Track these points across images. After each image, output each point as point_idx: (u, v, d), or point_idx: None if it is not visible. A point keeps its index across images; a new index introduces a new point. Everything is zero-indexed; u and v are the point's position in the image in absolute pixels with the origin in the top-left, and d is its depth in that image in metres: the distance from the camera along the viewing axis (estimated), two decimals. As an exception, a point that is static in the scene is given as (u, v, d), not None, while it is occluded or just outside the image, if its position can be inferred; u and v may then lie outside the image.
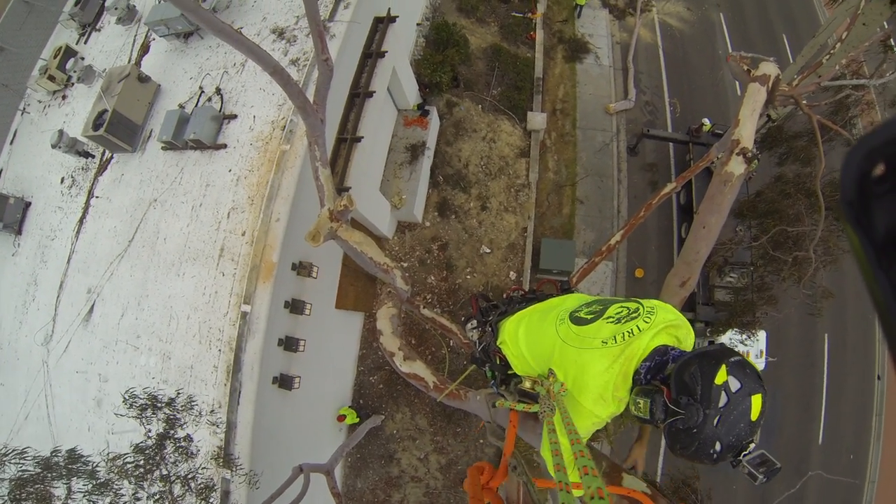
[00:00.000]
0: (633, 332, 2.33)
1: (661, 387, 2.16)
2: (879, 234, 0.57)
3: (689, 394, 2.01)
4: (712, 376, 1.98)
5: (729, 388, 1.97)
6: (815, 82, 8.55)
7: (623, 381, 2.31)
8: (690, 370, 2.05)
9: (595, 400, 2.33)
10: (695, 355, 2.11)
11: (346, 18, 11.81)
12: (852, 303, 18.51)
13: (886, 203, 0.57)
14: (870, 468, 18.73)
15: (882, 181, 0.57)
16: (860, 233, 0.59)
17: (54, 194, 13.41)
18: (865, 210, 0.58)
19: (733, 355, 2.06)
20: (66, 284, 12.25)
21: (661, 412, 2.11)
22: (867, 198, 0.58)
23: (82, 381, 11.42)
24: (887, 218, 0.57)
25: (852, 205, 0.59)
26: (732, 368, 2.00)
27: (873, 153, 0.57)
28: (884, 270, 0.57)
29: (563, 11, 22.67)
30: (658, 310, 2.46)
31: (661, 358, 2.28)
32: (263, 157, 11.04)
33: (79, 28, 15.29)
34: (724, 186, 4.83)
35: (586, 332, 2.46)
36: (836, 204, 12.96)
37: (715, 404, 1.96)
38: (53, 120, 14.23)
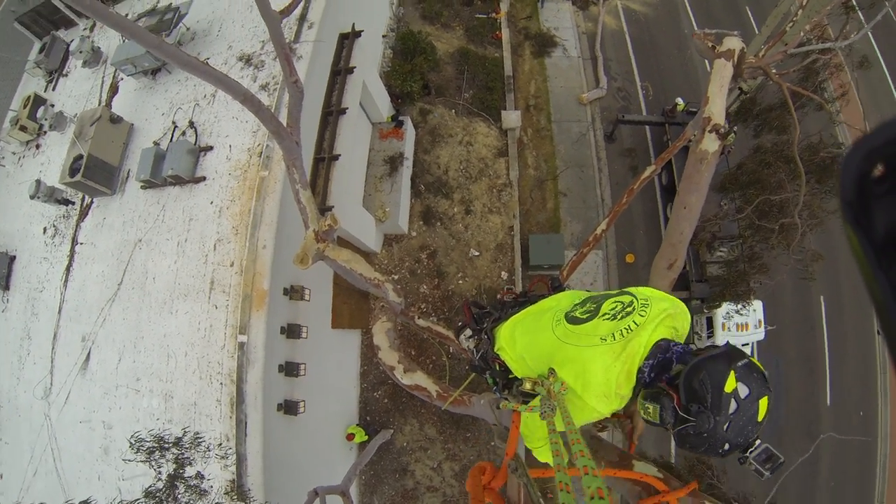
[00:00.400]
0: (631, 327, 2.34)
1: (669, 390, 2.18)
2: (879, 234, 0.58)
3: (699, 401, 2.05)
4: (722, 384, 2.02)
5: (738, 395, 2.02)
6: (782, 51, 8.66)
7: (626, 379, 2.31)
8: (699, 377, 2.07)
9: (598, 397, 2.33)
10: (703, 360, 2.13)
11: (311, 38, 11.81)
12: (843, 263, 18.60)
13: (886, 203, 0.57)
14: (881, 424, 18.82)
15: (881, 181, 0.57)
16: (860, 233, 0.59)
17: (38, 245, 13.29)
18: (865, 210, 0.59)
19: (741, 358, 2.10)
20: (59, 335, 12.14)
21: (670, 418, 2.14)
22: (867, 198, 0.58)
23: (87, 431, 11.31)
24: (887, 218, 0.58)
25: (852, 205, 0.60)
26: (741, 374, 2.04)
27: (873, 154, 0.58)
28: (884, 270, 0.58)
29: (526, 8, 22.78)
30: (652, 300, 2.48)
31: (663, 355, 2.29)
32: (243, 186, 11.00)
33: (46, 75, 15.22)
34: (701, 165, 4.86)
35: (584, 331, 2.47)
36: (815, 168, 13.09)
37: (725, 412, 2.01)
38: (29, 170, 14.13)
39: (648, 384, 2.32)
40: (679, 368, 2.21)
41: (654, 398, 2.22)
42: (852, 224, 0.60)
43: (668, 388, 2.20)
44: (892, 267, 0.57)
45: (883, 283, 0.58)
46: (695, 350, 2.28)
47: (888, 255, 0.57)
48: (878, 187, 0.57)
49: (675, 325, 2.47)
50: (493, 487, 2.62)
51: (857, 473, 18.36)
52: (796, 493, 17.61)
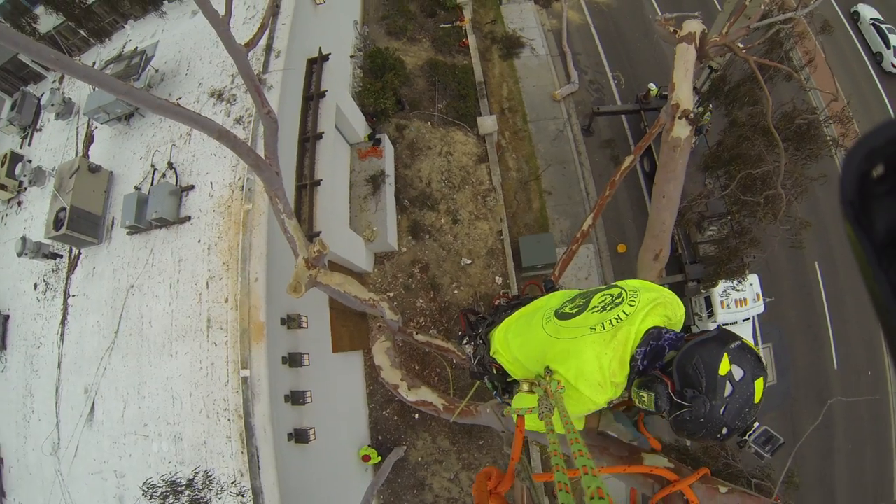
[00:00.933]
0: (620, 317, 2.37)
1: (663, 377, 2.18)
2: (879, 234, 0.58)
3: (694, 386, 2.05)
4: (716, 367, 2.02)
5: (733, 377, 2.02)
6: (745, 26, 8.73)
7: (620, 367, 2.33)
8: (693, 361, 2.08)
9: (593, 386, 2.35)
10: (695, 344, 2.13)
11: (279, 67, 11.85)
12: (832, 226, 18.74)
13: (886, 203, 0.58)
14: (890, 381, 18.95)
15: (882, 181, 0.58)
16: (860, 233, 0.60)
17: (30, 302, 13.23)
18: (865, 210, 0.59)
19: (733, 340, 2.10)
20: (61, 389, 12.07)
21: (666, 404, 2.14)
22: (867, 198, 0.59)
23: (99, 482, 11.22)
24: (887, 218, 0.58)
25: (852, 205, 0.60)
26: (734, 356, 2.04)
27: (873, 153, 0.59)
28: (884, 270, 0.58)
29: (489, 13, 22.88)
30: (641, 291, 2.50)
31: (655, 343, 2.30)
32: (229, 221, 11.00)
33: (20, 131, 15.20)
34: (674, 152, 4.88)
35: (574, 324, 2.50)
36: (792, 135, 13.20)
37: (721, 394, 2.01)
38: (14, 228, 14.07)
39: (642, 372, 2.33)
40: (672, 355, 2.22)
41: (648, 386, 2.22)
42: (853, 224, 0.60)
43: (661, 374, 2.20)
44: (893, 267, 0.57)
45: (883, 283, 0.58)
46: (687, 336, 2.28)
47: (888, 255, 0.58)
48: (879, 187, 0.58)
49: (667, 314, 2.49)
50: (500, 492, 2.64)
51: (872, 432, 18.46)
52: (814, 461, 17.68)
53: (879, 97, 21.77)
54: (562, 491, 1.54)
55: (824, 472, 17.93)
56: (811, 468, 17.44)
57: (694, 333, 2.26)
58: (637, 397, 2.28)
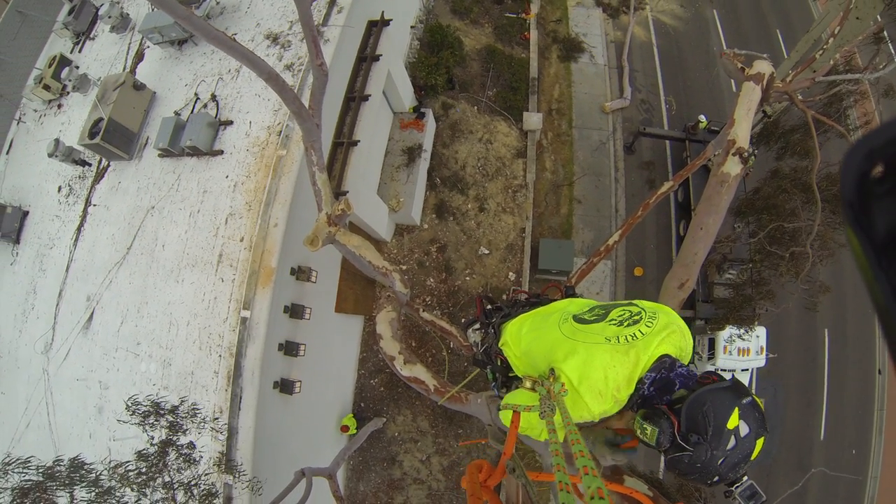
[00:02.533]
0: (637, 335, 2.35)
1: (669, 413, 2.19)
2: (879, 234, 0.58)
3: (699, 432, 2.06)
4: (725, 419, 2.04)
5: (738, 432, 2.04)
6: (810, 78, 8.58)
7: (626, 383, 2.31)
8: (703, 408, 2.09)
9: (593, 394, 2.33)
10: (708, 391, 2.14)
11: (339, 23, 11.82)
12: (851, 297, 18.53)
13: (886, 203, 0.57)
14: (872, 463, 18.73)
15: (882, 182, 0.57)
16: (860, 233, 0.59)
17: (52, 203, 13.37)
18: (865, 210, 0.58)
19: (746, 396, 2.12)
20: (65, 293, 12.23)
21: (667, 442, 2.15)
22: (867, 198, 0.58)
23: (83, 389, 11.40)
24: (887, 218, 0.57)
25: (852, 205, 0.59)
26: (744, 412, 2.06)
27: (873, 154, 0.58)
28: (884, 271, 0.57)
29: (556, 11, 22.70)
30: (660, 314, 2.48)
31: (666, 373, 2.29)
32: (260, 163, 11.04)
33: (73, 37, 15.26)
34: (721, 187, 4.83)
35: (590, 329, 2.48)
36: (832, 198, 13.01)
37: (723, 447, 2.03)
38: (49, 129, 14.18)
39: (646, 399, 2.32)
40: (682, 393, 2.23)
41: (654, 420, 2.22)
42: (852, 224, 0.60)
43: (669, 411, 2.21)
44: (893, 267, 0.57)
45: (883, 283, 0.57)
46: (700, 376, 2.28)
47: (888, 256, 0.57)
48: (879, 187, 0.57)
49: (680, 345, 2.46)
50: (489, 485, 2.63)
51: (844, 511, 18.32)
52: (783, 525, 17.60)
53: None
54: (562, 491, 1.53)
55: (791, 540, 17.84)
56: (778, 532, 17.36)
57: (706, 376, 2.27)
58: (640, 427, 2.28)
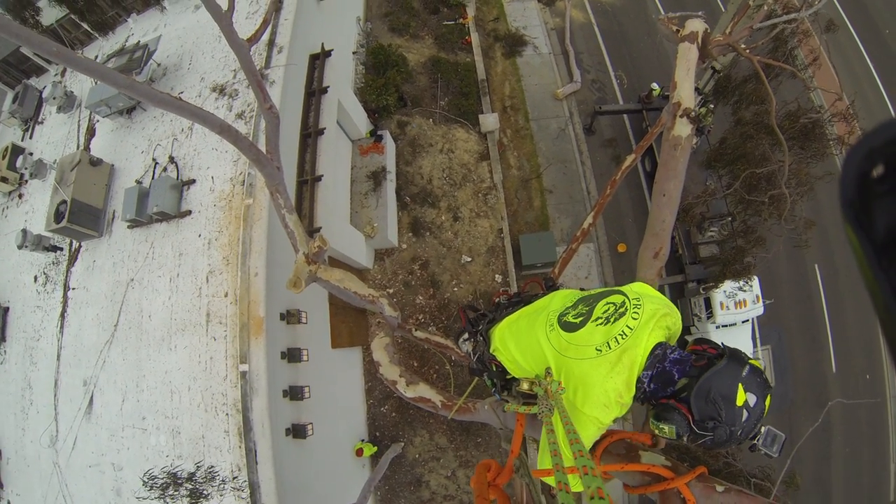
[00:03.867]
0: (625, 332, 2.38)
1: (679, 406, 2.24)
2: (879, 234, 0.58)
3: (713, 418, 2.14)
4: (733, 398, 2.12)
5: (748, 405, 2.13)
6: (749, 26, 8.73)
7: (626, 388, 2.36)
8: (710, 395, 2.15)
9: (599, 408, 2.39)
10: (709, 377, 2.19)
11: (282, 62, 11.85)
12: (832, 228, 18.69)
13: (886, 203, 0.57)
14: (888, 384, 18.92)
15: (882, 181, 0.58)
16: (860, 233, 0.59)
17: (30, 294, 13.25)
18: (865, 210, 0.59)
19: (743, 366, 2.19)
20: (60, 382, 12.09)
21: (686, 433, 2.23)
22: (867, 198, 0.58)
23: (97, 475, 11.25)
24: (887, 218, 0.57)
25: (852, 205, 0.59)
26: (747, 384, 2.14)
27: (873, 153, 0.58)
28: (884, 271, 0.57)
29: (492, 10, 22.87)
30: (644, 301, 2.52)
31: (661, 365, 2.34)
32: (230, 216, 11.01)
33: (21, 124, 15.21)
34: (675, 150, 4.86)
35: (579, 340, 2.50)
36: (797, 135, 13.18)
37: (739, 422, 2.13)
38: (14, 220, 14.09)
39: (650, 395, 2.37)
40: (683, 382, 2.27)
41: (667, 418, 2.27)
42: (852, 224, 0.60)
43: (677, 404, 2.25)
44: (893, 267, 0.57)
45: (883, 283, 0.57)
46: (693, 356, 2.32)
47: (888, 255, 0.57)
48: (879, 187, 0.58)
49: (668, 325, 2.52)
50: (498, 484, 2.65)
51: (869, 436, 18.45)
52: (812, 464, 17.69)
53: (881, 96, 21.70)
54: (562, 490, 1.54)
55: (821, 475, 17.93)
56: (809, 471, 17.44)
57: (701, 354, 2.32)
58: (657, 428, 2.33)
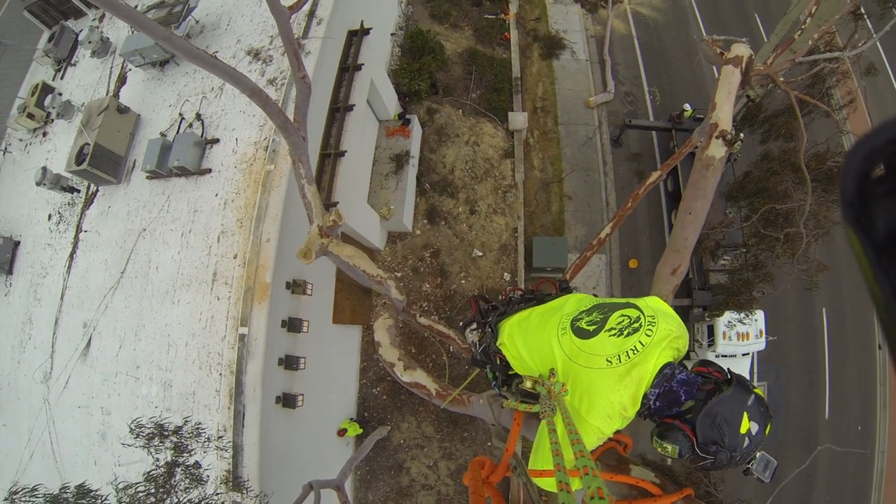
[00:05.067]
0: (637, 348, 2.38)
1: (683, 427, 2.28)
2: (880, 234, 0.57)
3: (717, 442, 2.20)
4: (737, 426, 2.18)
5: (751, 433, 2.19)
6: (790, 59, 8.63)
7: (632, 403, 2.38)
8: (716, 421, 2.20)
9: (602, 418, 2.40)
10: (716, 404, 2.24)
11: (319, 34, 11.83)
12: (846, 274, 18.56)
13: (886, 203, 0.57)
14: (878, 437, 18.77)
15: (882, 181, 0.57)
16: (860, 233, 0.59)
17: (42, 231, 13.34)
18: (865, 210, 0.58)
19: (749, 394, 2.24)
20: (61, 320, 12.19)
21: (688, 454, 2.28)
22: (867, 198, 0.58)
23: (85, 416, 11.35)
24: (887, 218, 0.57)
25: (852, 205, 0.59)
26: (752, 413, 2.20)
27: (874, 153, 0.57)
28: (884, 271, 0.57)
29: (535, 10, 22.77)
30: (659, 319, 2.51)
31: (668, 384, 2.36)
32: (249, 179, 11.03)
33: (54, 64, 15.24)
34: (707, 171, 4.86)
35: (590, 349, 2.49)
36: (822, 177, 13.03)
37: (740, 448, 2.19)
38: (36, 157, 14.17)
39: (654, 412, 2.40)
40: (690, 405, 2.31)
41: (671, 438, 2.30)
42: (853, 224, 0.59)
43: (682, 425, 2.29)
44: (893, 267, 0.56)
45: (883, 283, 0.57)
46: (701, 379, 2.36)
47: (888, 255, 0.57)
48: (879, 187, 0.57)
49: (679, 346, 2.52)
50: (492, 482, 2.64)
51: (853, 487, 18.33)
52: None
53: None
54: (562, 490, 1.54)
55: (801, 520, 17.86)
56: (788, 511, 17.38)
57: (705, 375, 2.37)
58: (660, 447, 2.37)
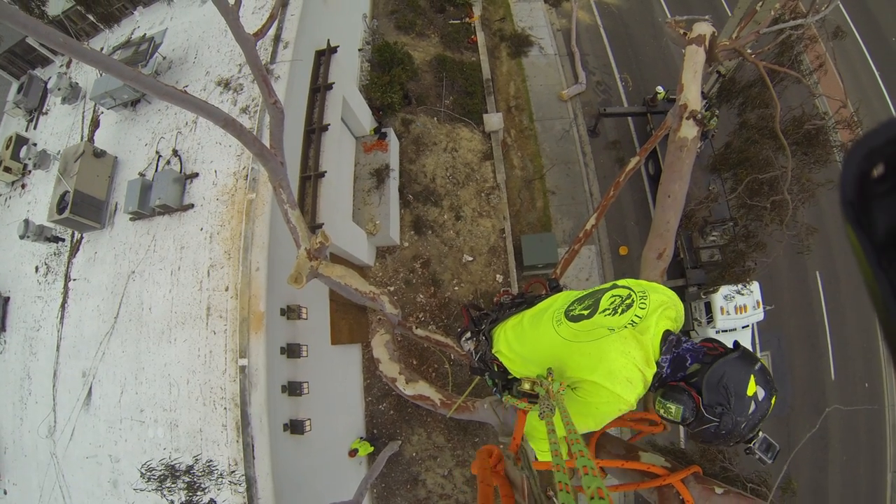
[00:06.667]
0: (634, 321, 2.40)
1: (689, 390, 2.29)
2: (879, 234, 0.58)
3: (723, 403, 2.20)
4: (744, 388, 2.18)
5: (757, 397, 2.19)
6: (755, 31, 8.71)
7: (646, 365, 2.37)
8: (723, 381, 2.21)
9: (624, 384, 2.36)
10: (723, 363, 2.25)
11: (287, 58, 11.84)
12: (834, 234, 18.65)
13: (886, 203, 0.57)
14: (887, 392, 18.88)
15: (882, 181, 0.57)
16: (860, 233, 0.59)
17: (31, 284, 13.25)
18: (865, 210, 0.58)
19: (756, 362, 2.25)
20: (59, 372, 12.10)
21: (691, 416, 2.28)
22: (867, 198, 0.58)
23: (94, 466, 11.26)
24: (887, 218, 0.58)
25: (852, 205, 0.59)
26: (759, 378, 2.21)
27: (873, 153, 0.58)
28: (884, 270, 0.57)
29: (499, 10, 22.85)
30: (649, 292, 2.51)
31: (676, 351, 2.38)
32: (232, 210, 11.01)
33: (26, 114, 15.20)
34: (681, 152, 4.90)
35: (589, 326, 2.49)
36: (801, 140, 13.14)
37: (746, 412, 2.18)
38: (17, 210, 14.10)
39: (662, 379, 2.41)
40: (695, 368, 2.33)
41: (675, 398, 2.31)
42: (853, 224, 0.60)
43: (687, 387, 2.30)
44: (893, 267, 0.57)
45: (883, 283, 0.57)
46: (707, 349, 2.38)
47: (888, 255, 0.57)
48: (879, 187, 0.58)
49: (675, 316, 2.53)
50: (500, 471, 2.64)
51: (867, 443, 18.43)
52: (809, 470, 17.68)
53: (886, 104, 21.66)
54: (562, 490, 1.54)
55: (818, 482, 17.91)
56: (805, 477, 17.42)
57: (713, 347, 2.38)
58: (663, 408, 2.37)
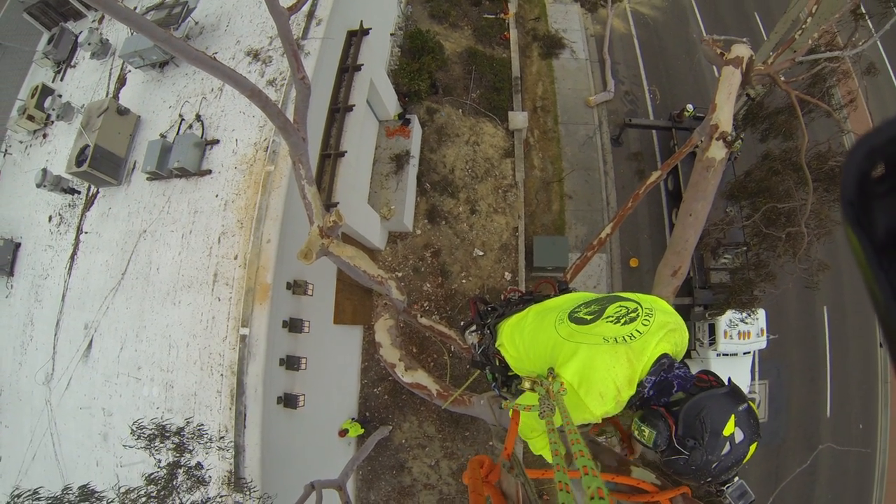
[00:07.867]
0: (634, 335, 2.34)
1: (667, 416, 2.24)
2: (879, 234, 0.58)
3: (696, 437, 2.12)
4: (721, 426, 2.10)
5: (734, 439, 2.11)
6: (791, 58, 8.64)
7: (627, 385, 2.30)
8: (701, 414, 2.15)
9: (595, 396, 2.31)
10: (706, 397, 2.20)
11: (319, 35, 11.82)
12: (847, 272, 18.55)
13: (886, 203, 0.57)
14: (880, 436, 18.78)
15: (882, 181, 0.57)
16: (860, 233, 0.59)
17: (43, 233, 13.36)
18: (866, 210, 0.58)
19: (742, 402, 2.18)
20: (62, 322, 12.20)
21: (664, 445, 2.22)
22: (867, 198, 0.58)
23: (87, 417, 11.37)
24: (887, 218, 0.57)
25: (853, 205, 0.59)
26: (740, 419, 2.13)
27: (874, 153, 0.57)
28: (884, 270, 0.57)
29: (534, 9, 22.75)
30: (656, 311, 2.47)
31: (665, 374, 2.30)
32: (249, 180, 11.03)
33: (54, 66, 15.25)
34: (707, 172, 4.87)
35: (587, 330, 2.46)
36: (823, 176, 13.02)
37: (718, 452, 2.10)
38: (36, 159, 14.18)
39: (645, 400, 2.34)
40: (679, 396, 2.26)
41: (651, 422, 2.26)
42: (853, 224, 0.59)
43: (666, 414, 2.25)
44: (892, 267, 0.57)
45: (883, 282, 0.57)
46: (697, 378, 2.32)
47: (888, 255, 0.57)
48: (879, 187, 0.57)
49: (677, 341, 2.47)
50: (491, 480, 2.64)
51: (854, 485, 18.33)
52: (794, 502, 17.59)
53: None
54: (562, 491, 1.54)
55: (802, 519, 17.87)
56: (789, 510, 17.39)
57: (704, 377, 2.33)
58: (637, 429, 2.33)
